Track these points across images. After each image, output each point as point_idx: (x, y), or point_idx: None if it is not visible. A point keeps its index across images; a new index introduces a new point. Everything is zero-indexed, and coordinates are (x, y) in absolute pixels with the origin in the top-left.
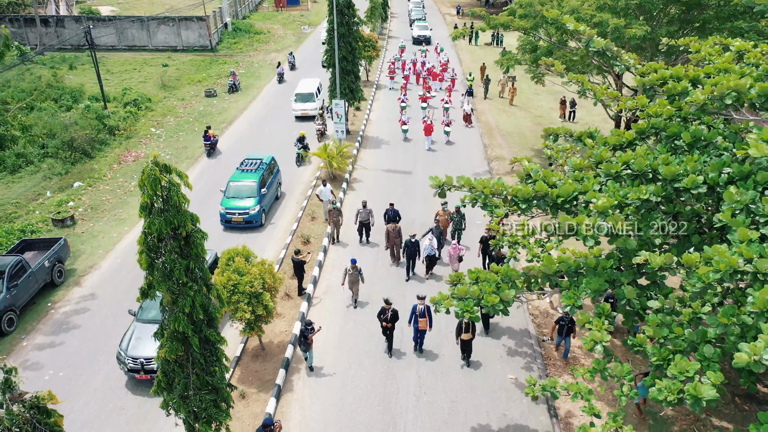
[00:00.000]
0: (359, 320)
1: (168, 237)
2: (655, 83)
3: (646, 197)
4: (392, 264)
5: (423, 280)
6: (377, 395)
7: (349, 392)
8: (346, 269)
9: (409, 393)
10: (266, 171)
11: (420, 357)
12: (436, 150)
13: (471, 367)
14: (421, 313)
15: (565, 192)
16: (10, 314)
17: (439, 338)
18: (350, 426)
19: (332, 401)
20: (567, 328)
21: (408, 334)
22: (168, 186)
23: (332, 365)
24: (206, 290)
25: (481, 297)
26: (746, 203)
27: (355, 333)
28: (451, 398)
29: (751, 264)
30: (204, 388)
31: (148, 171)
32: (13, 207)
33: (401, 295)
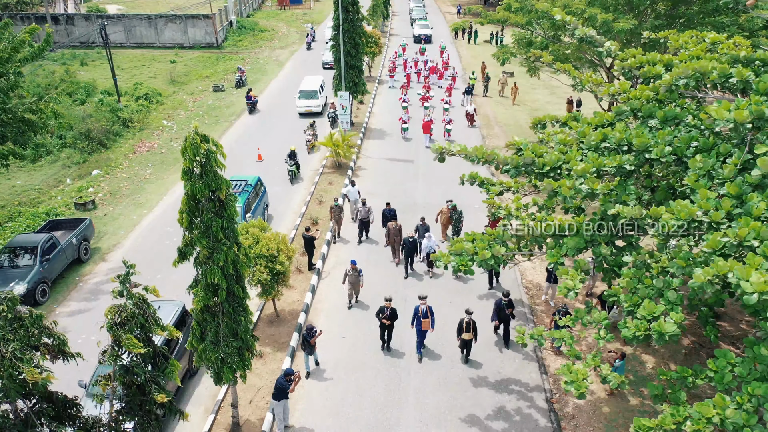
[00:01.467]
0: (359, 318)
1: (206, 199)
2: (633, 67)
3: (621, 164)
4: (393, 261)
5: (421, 277)
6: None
7: (356, 356)
8: (346, 270)
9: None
10: (251, 194)
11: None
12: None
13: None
14: (423, 314)
15: (551, 161)
16: (43, 286)
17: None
18: (356, 378)
19: (339, 358)
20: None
21: (407, 331)
22: (206, 153)
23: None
24: (236, 248)
25: (475, 253)
26: (708, 169)
27: (355, 331)
28: (451, 358)
29: (707, 215)
30: (232, 336)
31: (190, 139)
32: (36, 193)
33: (400, 292)
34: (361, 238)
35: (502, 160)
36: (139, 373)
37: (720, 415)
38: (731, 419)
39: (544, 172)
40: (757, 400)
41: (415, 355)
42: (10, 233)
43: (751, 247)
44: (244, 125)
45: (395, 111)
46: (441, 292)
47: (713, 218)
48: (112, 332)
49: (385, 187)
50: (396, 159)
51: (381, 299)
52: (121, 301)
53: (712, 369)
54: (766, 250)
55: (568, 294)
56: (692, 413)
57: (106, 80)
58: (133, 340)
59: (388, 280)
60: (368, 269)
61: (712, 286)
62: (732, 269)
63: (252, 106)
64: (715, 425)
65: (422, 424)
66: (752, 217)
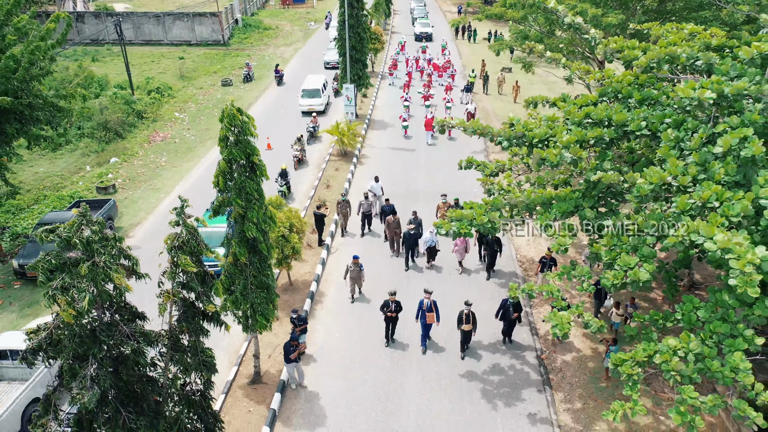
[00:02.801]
0: (362, 312)
1: (239, 163)
2: (614, 51)
3: (601, 135)
4: (392, 255)
5: (422, 270)
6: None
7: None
8: (348, 266)
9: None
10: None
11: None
12: (436, 144)
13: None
14: (428, 308)
15: (540, 134)
16: None
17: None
18: (363, 348)
19: (346, 331)
20: (549, 266)
21: (411, 324)
22: (241, 123)
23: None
24: (264, 210)
25: (473, 218)
26: (677, 141)
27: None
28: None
29: (676, 179)
30: (260, 287)
31: (227, 111)
32: (58, 178)
33: (402, 284)
34: (364, 231)
35: (495, 134)
36: (193, 287)
37: (684, 349)
38: (694, 351)
39: (533, 143)
40: (717, 336)
41: (419, 348)
42: (37, 214)
43: (713, 207)
44: (260, 108)
45: (397, 105)
46: (441, 285)
47: (681, 182)
48: (170, 254)
49: (389, 175)
50: (398, 148)
51: (382, 291)
52: (177, 230)
53: (680, 312)
54: (725, 210)
55: (560, 249)
56: (660, 347)
57: (118, 75)
58: (187, 260)
59: (389, 272)
60: (370, 261)
61: (682, 245)
62: (698, 228)
63: (279, 78)
64: (680, 357)
65: (425, 382)
66: (714, 181)
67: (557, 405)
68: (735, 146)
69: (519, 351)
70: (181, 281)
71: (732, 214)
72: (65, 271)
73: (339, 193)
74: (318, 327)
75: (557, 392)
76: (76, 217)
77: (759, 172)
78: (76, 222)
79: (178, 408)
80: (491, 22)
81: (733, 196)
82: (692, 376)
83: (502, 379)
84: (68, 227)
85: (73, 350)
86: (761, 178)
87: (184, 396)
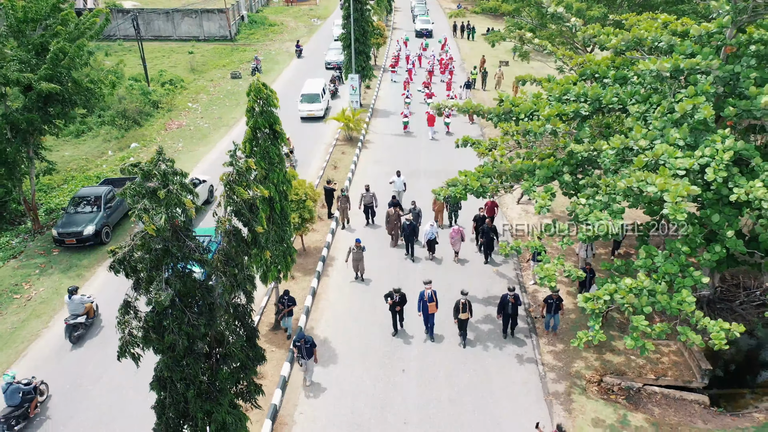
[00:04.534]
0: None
1: (263, 131)
2: (591, 36)
3: (578, 109)
4: (392, 246)
5: (422, 262)
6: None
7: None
8: (350, 248)
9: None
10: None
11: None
12: (438, 139)
13: (460, 264)
14: (429, 298)
15: (525, 109)
16: (106, 228)
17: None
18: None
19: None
20: (555, 306)
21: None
22: (266, 96)
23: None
24: (283, 173)
25: (467, 184)
26: (643, 113)
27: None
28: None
29: (636, 143)
30: (279, 242)
31: (254, 85)
32: (83, 161)
33: (403, 276)
34: (368, 222)
35: (486, 111)
36: (244, 213)
37: (640, 286)
38: (648, 288)
39: (519, 117)
40: (669, 276)
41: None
42: (67, 192)
43: (664, 163)
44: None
45: (398, 98)
46: (440, 275)
47: (640, 146)
48: (225, 187)
49: (392, 156)
50: (401, 134)
51: (384, 280)
52: (229, 169)
53: (639, 259)
54: (673, 164)
55: (541, 210)
56: (619, 285)
57: (131, 69)
58: (240, 189)
59: (392, 262)
60: (373, 253)
61: (632, 191)
62: (646, 178)
63: (299, 52)
64: (635, 293)
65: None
66: (668, 143)
67: (541, 348)
68: (689, 111)
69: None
70: (233, 209)
71: (678, 168)
72: (146, 197)
73: (346, 174)
74: (330, 284)
75: (542, 338)
76: (154, 155)
77: (708, 136)
78: (154, 158)
79: (227, 315)
80: (489, 20)
81: (683, 154)
82: (644, 309)
83: (492, 328)
84: (148, 162)
85: (150, 261)
86: (708, 140)
87: (232, 305)
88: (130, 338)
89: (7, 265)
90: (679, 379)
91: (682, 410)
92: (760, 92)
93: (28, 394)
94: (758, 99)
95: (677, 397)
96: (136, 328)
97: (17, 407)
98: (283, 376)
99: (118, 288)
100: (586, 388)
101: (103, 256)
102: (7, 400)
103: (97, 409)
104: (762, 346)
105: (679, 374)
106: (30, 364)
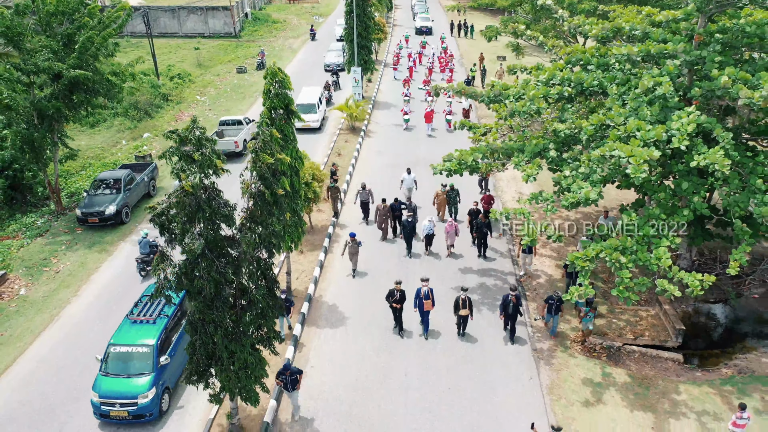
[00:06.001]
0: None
1: (278, 111)
2: (576, 26)
3: (561, 91)
4: (381, 240)
5: (419, 256)
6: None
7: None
8: (346, 242)
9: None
10: (172, 319)
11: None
12: (435, 136)
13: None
14: (425, 295)
15: (514, 92)
16: (126, 209)
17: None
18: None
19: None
20: (555, 307)
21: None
22: (281, 79)
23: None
24: (296, 150)
25: (462, 159)
26: (621, 94)
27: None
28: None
29: (612, 121)
30: (292, 214)
31: (271, 68)
32: (99, 150)
33: (401, 271)
34: (366, 219)
35: (479, 94)
36: (267, 177)
37: (623, 246)
38: (630, 247)
39: (508, 99)
40: (647, 238)
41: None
42: (86, 178)
43: (635, 135)
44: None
45: (399, 92)
46: (439, 271)
47: (616, 122)
48: (252, 154)
49: (393, 145)
50: (401, 125)
51: (381, 274)
52: (257, 139)
53: (623, 222)
54: (643, 135)
55: (528, 179)
56: (605, 245)
57: (139, 64)
58: (265, 155)
59: (390, 259)
60: (371, 249)
61: (606, 160)
62: (616, 147)
63: (312, 35)
64: (620, 252)
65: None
66: (641, 119)
67: (530, 312)
68: (651, 87)
69: (502, 275)
70: (258, 173)
71: (648, 138)
72: (182, 159)
73: (349, 161)
74: (335, 258)
75: (531, 303)
76: (189, 123)
77: (676, 113)
78: (190, 126)
79: (251, 267)
80: (488, 17)
81: (653, 128)
82: (628, 265)
83: (486, 295)
84: (184, 129)
85: (185, 214)
86: (675, 116)
87: (255, 258)
88: (165, 282)
89: (34, 242)
90: (656, 339)
91: (658, 366)
92: (721, 74)
93: (154, 246)
94: (719, 80)
95: (654, 355)
96: (170, 273)
97: (147, 254)
98: (295, 335)
99: None
100: (570, 347)
101: (125, 233)
102: (141, 249)
103: None
104: (734, 314)
105: (656, 335)
106: (63, 327)
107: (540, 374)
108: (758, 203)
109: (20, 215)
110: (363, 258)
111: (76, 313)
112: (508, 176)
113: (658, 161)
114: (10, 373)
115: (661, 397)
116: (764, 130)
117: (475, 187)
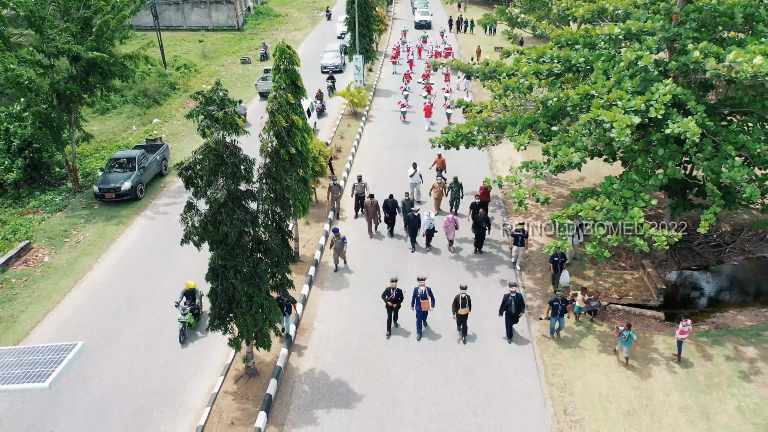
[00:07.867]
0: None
1: (287, 85)
2: (564, 9)
3: (551, 68)
4: (370, 237)
5: (424, 251)
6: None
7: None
8: (332, 238)
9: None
10: None
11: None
12: (435, 131)
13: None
14: (422, 295)
15: (507, 69)
16: (140, 186)
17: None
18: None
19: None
20: (561, 309)
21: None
22: (289, 56)
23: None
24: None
25: (459, 131)
26: (605, 69)
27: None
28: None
29: (596, 90)
30: (299, 179)
31: (279, 45)
32: (111, 134)
33: (399, 267)
34: (357, 213)
35: (474, 70)
36: (282, 136)
37: (600, 206)
38: (607, 207)
39: (501, 76)
40: (624, 200)
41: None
42: (100, 159)
43: (616, 104)
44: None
45: (398, 83)
46: (438, 268)
47: (599, 92)
48: (270, 115)
49: (393, 130)
50: (400, 111)
51: (374, 269)
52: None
53: (602, 186)
54: (624, 104)
55: (520, 147)
56: (583, 205)
57: (150, 48)
58: (280, 117)
59: (390, 255)
60: (361, 243)
61: (591, 124)
62: (600, 114)
63: (329, 15)
64: (596, 211)
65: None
66: (623, 90)
67: (523, 276)
68: (633, 60)
69: (498, 256)
70: (275, 133)
71: (628, 107)
72: (207, 117)
73: (351, 143)
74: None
75: (524, 270)
76: (213, 86)
77: (654, 84)
78: (214, 87)
79: (267, 218)
80: (487, 11)
81: (632, 98)
82: (603, 222)
83: (482, 275)
84: (209, 91)
85: (209, 167)
86: (654, 87)
87: (270, 211)
88: (192, 229)
89: (54, 217)
90: (639, 298)
91: (641, 322)
92: (695, 47)
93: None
94: (692, 53)
95: (637, 313)
96: (197, 221)
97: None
98: (303, 294)
99: (156, 234)
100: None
101: (140, 208)
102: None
103: None
104: (715, 279)
105: (639, 294)
106: (87, 289)
107: (530, 325)
108: (729, 167)
109: (39, 193)
110: (364, 248)
111: (98, 276)
112: (504, 157)
113: (637, 128)
114: (44, 324)
115: (642, 347)
116: (738, 103)
117: (477, 181)
